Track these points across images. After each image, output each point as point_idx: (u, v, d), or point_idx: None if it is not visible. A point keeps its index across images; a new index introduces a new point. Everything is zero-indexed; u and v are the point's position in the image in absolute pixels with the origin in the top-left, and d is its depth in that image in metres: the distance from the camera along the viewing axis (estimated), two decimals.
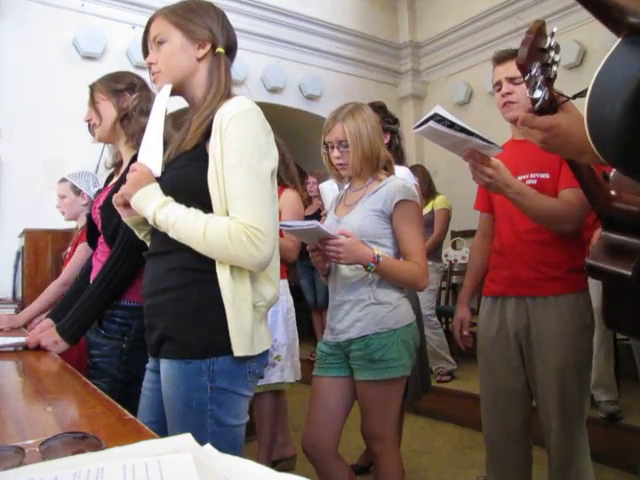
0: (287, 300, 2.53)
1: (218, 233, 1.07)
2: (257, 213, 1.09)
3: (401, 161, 2.38)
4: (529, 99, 0.97)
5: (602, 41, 4.14)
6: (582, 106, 0.83)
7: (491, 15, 5.21)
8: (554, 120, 0.98)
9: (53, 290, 2.33)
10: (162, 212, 1.11)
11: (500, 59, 1.71)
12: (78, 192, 2.53)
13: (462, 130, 1.32)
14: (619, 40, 0.79)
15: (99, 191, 2.55)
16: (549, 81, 0.95)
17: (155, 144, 1.21)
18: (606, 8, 0.77)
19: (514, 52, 1.68)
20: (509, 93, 1.66)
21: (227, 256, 1.08)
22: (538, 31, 0.93)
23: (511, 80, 1.66)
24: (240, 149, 1.10)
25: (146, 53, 1.27)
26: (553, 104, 0.98)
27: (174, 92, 1.24)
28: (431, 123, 1.29)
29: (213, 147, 1.12)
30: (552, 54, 0.94)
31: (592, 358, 1.70)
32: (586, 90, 1.34)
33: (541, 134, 1.01)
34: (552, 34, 0.94)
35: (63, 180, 2.58)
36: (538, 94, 0.95)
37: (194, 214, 1.10)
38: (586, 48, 4.52)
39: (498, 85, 1.71)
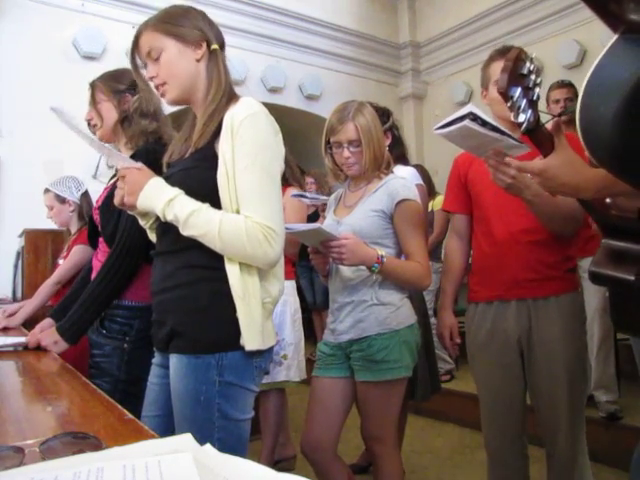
0: (295, 301, 2.55)
1: (234, 232, 1.08)
2: (271, 213, 1.12)
3: (405, 154, 2.35)
4: (515, 123, 0.99)
5: (602, 41, 4.13)
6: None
7: (491, 15, 5.20)
8: (545, 164, 1.03)
9: (46, 289, 2.33)
10: (171, 212, 1.11)
11: (506, 53, 1.68)
12: (63, 200, 2.55)
13: (494, 129, 1.26)
14: (615, 37, 0.77)
15: (83, 194, 2.58)
16: (533, 103, 0.98)
17: (115, 154, 1.24)
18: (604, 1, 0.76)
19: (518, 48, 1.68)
20: None
21: (243, 254, 1.10)
22: (517, 57, 0.96)
23: None
24: (253, 151, 1.12)
25: (135, 67, 1.27)
26: (539, 124, 1.01)
27: (183, 102, 1.24)
28: (467, 122, 1.23)
29: (223, 148, 1.13)
30: (533, 77, 0.97)
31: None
32: (569, 108, 1.36)
33: (537, 178, 1.06)
34: (531, 59, 0.97)
35: (47, 191, 2.60)
36: (522, 118, 0.97)
37: (205, 211, 1.10)
38: (586, 48, 4.52)
39: None
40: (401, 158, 2.29)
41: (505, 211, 1.63)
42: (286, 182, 2.52)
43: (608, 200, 1.20)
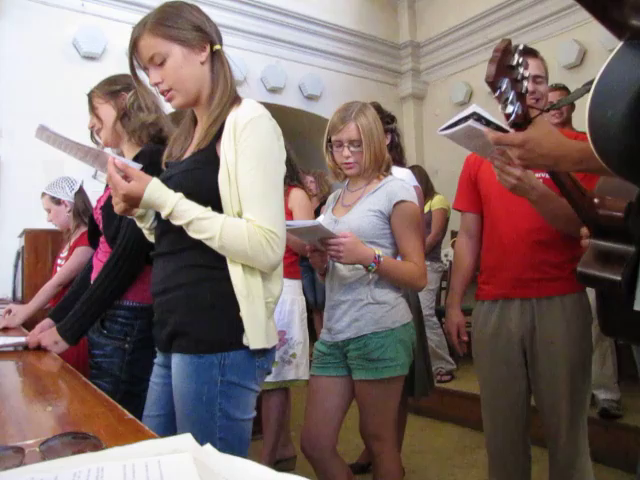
0: (302, 300, 2.57)
1: (236, 236, 1.09)
2: (274, 217, 1.12)
3: (401, 159, 2.37)
4: (503, 114, 1.00)
5: (602, 41, 4.14)
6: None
7: (491, 15, 5.20)
8: (526, 135, 1.02)
9: (48, 291, 2.34)
10: (175, 215, 1.10)
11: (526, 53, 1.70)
12: (58, 201, 2.59)
13: (498, 129, 1.25)
14: (621, 43, 0.78)
15: (77, 193, 2.59)
16: (521, 96, 0.99)
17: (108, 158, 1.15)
18: (604, 7, 0.77)
19: (535, 51, 1.70)
20: (534, 91, 1.65)
21: (244, 257, 1.11)
22: (505, 49, 0.96)
23: (535, 77, 1.67)
24: (256, 154, 1.12)
25: (132, 68, 1.22)
26: (527, 118, 1.02)
27: (191, 106, 1.23)
28: (470, 122, 1.23)
29: (226, 150, 1.13)
30: (521, 70, 0.97)
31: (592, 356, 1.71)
32: (558, 103, 1.36)
33: (517, 150, 1.05)
34: (519, 52, 0.97)
35: (43, 195, 2.63)
36: (510, 109, 0.98)
37: (206, 217, 1.09)
38: (586, 48, 4.52)
39: None
40: (397, 162, 2.30)
41: (511, 210, 1.64)
42: (291, 183, 2.53)
43: (596, 200, 1.20)
